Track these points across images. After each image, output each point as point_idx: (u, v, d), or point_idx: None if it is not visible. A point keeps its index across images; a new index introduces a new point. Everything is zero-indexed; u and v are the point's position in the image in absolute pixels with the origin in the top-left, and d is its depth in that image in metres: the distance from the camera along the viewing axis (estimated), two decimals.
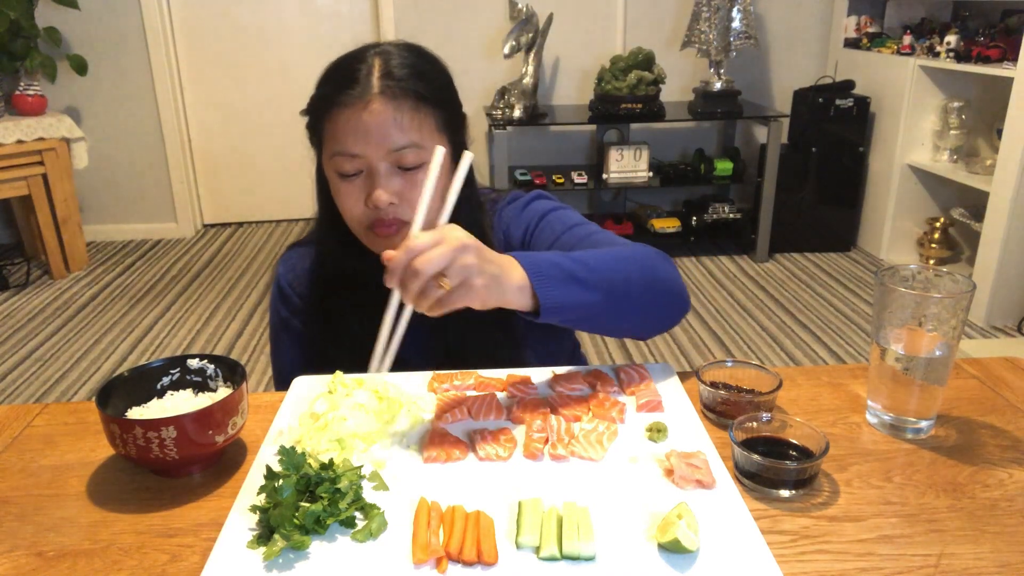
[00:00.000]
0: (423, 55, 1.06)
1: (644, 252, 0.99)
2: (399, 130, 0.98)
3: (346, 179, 1.01)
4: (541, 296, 0.85)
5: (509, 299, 0.84)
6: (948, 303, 0.82)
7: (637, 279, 0.95)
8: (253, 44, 4.19)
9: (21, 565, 0.71)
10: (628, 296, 0.93)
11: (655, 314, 0.99)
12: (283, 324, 1.20)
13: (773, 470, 0.77)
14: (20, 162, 3.49)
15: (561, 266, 0.88)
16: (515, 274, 0.84)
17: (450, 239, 0.79)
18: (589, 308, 0.90)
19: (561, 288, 0.87)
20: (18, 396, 2.69)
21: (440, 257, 0.77)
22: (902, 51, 3.62)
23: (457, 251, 0.78)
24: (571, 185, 3.87)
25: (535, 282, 0.85)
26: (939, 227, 3.62)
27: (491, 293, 0.82)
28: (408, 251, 0.78)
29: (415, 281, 0.78)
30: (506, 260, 0.85)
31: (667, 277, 0.98)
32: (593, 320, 0.93)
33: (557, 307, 0.86)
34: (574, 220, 1.11)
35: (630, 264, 0.95)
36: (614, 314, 0.93)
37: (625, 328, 1.00)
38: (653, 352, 2.95)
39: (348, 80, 0.99)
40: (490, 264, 0.82)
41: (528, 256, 0.87)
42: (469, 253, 0.79)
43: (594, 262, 0.92)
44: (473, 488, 0.78)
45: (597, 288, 0.90)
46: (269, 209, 4.51)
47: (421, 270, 0.77)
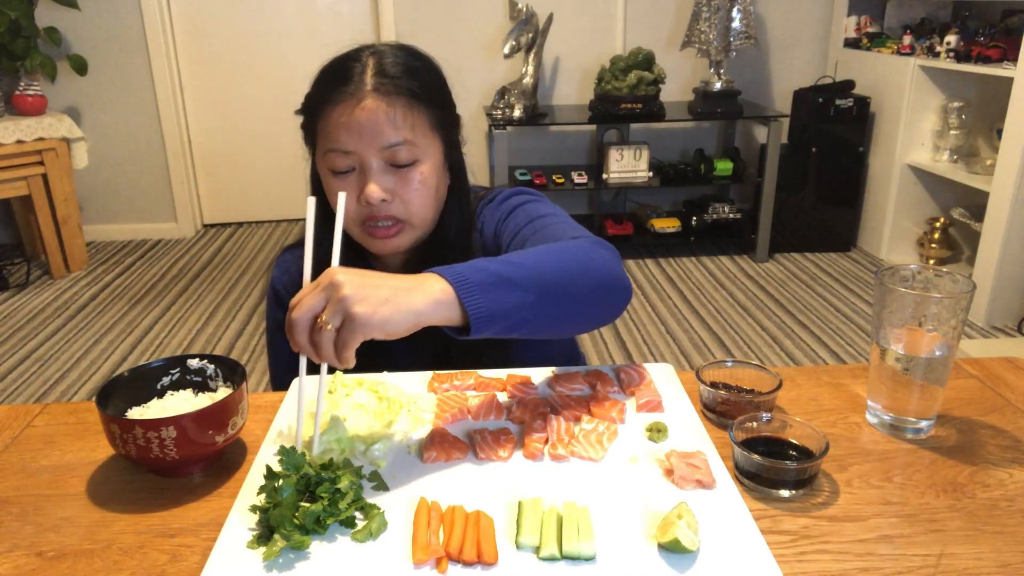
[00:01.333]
0: (417, 55, 1.06)
1: (580, 245, 0.92)
2: (392, 127, 0.98)
3: (339, 176, 1.01)
4: (468, 305, 0.77)
5: (426, 316, 0.76)
6: (948, 303, 0.82)
7: (574, 272, 0.87)
8: (253, 44, 4.19)
9: (21, 565, 0.71)
10: (565, 292, 0.85)
11: (595, 307, 0.91)
12: (278, 327, 1.21)
13: (773, 470, 0.77)
14: (20, 162, 3.49)
15: (487, 270, 0.81)
16: (431, 287, 0.77)
17: (321, 281, 0.75)
18: (524, 311, 0.81)
19: (490, 293, 0.79)
20: (18, 396, 2.69)
21: (310, 301, 0.74)
22: (902, 51, 3.62)
23: (326, 289, 0.75)
24: (571, 185, 3.87)
25: (460, 291, 0.77)
26: (939, 227, 3.62)
27: (387, 318, 0.74)
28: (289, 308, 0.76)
29: (295, 332, 0.75)
30: (416, 277, 0.79)
31: (603, 265, 0.91)
32: (530, 324, 0.83)
33: (488, 315, 0.78)
34: (539, 212, 1.07)
35: (562, 256, 0.88)
36: (552, 313, 0.85)
37: (566, 327, 0.90)
38: (653, 352, 2.95)
39: (342, 78, 1.00)
40: (374, 288, 0.75)
41: (450, 267, 0.80)
42: (340, 286, 0.74)
43: (522, 259, 0.85)
44: (473, 488, 0.78)
45: (530, 287, 0.82)
46: (269, 209, 4.51)
47: (294, 319, 0.74)
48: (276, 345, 1.22)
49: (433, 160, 1.04)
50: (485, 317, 0.78)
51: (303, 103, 1.06)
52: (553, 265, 0.86)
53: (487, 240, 1.13)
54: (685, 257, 3.95)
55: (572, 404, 0.92)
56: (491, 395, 0.95)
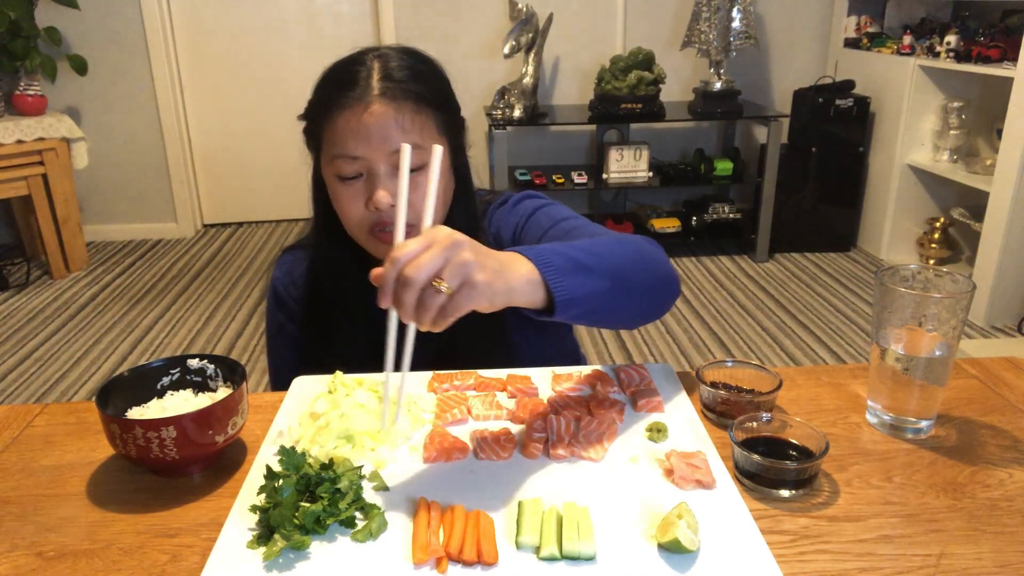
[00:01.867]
0: (421, 58, 1.06)
1: (636, 239, 0.96)
2: (400, 131, 0.97)
3: (346, 182, 1.01)
4: (555, 288, 0.78)
5: (517, 296, 0.76)
6: (948, 303, 0.82)
7: (637, 264, 0.91)
8: (253, 44, 4.19)
9: (21, 565, 0.71)
10: (630, 282, 0.89)
11: (653, 299, 0.95)
12: (279, 328, 1.20)
13: (773, 470, 0.77)
14: (20, 162, 3.49)
15: (567, 255, 0.82)
16: (521, 267, 0.77)
17: (439, 238, 0.71)
18: (599, 298, 0.83)
19: (572, 278, 0.80)
20: (18, 396, 2.69)
21: (432, 259, 0.69)
22: (902, 51, 3.62)
23: (449, 249, 0.70)
24: (571, 185, 3.87)
25: (545, 274, 0.78)
26: (939, 227, 3.62)
27: (497, 291, 0.73)
28: (395, 262, 0.70)
29: (409, 292, 0.69)
30: (506, 254, 0.78)
31: (661, 261, 0.95)
32: (601, 311, 0.86)
33: (570, 300, 0.79)
34: (563, 215, 1.09)
35: (627, 249, 0.91)
36: (620, 302, 0.88)
37: (626, 317, 0.94)
38: (653, 352, 2.95)
39: (348, 83, 0.99)
40: (490, 258, 0.74)
41: (531, 249, 0.80)
42: (463, 249, 0.71)
43: (596, 248, 0.87)
44: (473, 488, 0.78)
45: (604, 275, 0.84)
46: (269, 209, 4.51)
47: (413, 277, 0.69)
48: (276, 347, 1.22)
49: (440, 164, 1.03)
50: (567, 301, 0.79)
51: (307, 108, 1.04)
52: (621, 256, 0.89)
53: (503, 244, 1.12)
54: (685, 257, 3.96)
55: (572, 404, 0.92)
56: (491, 395, 0.95)
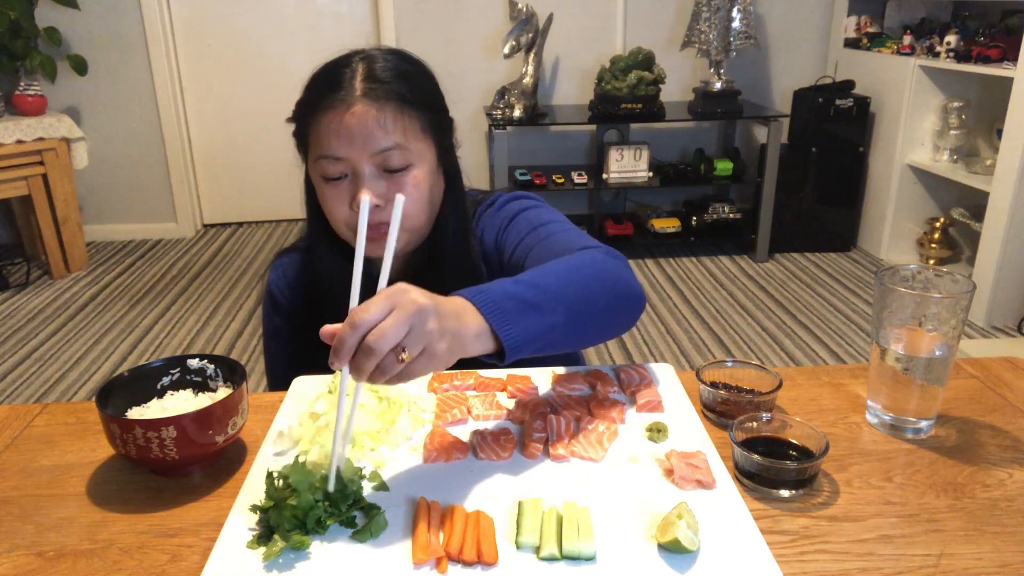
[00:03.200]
0: (407, 59, 1.06)
1: (595, 257, 0.93)
2: (383, 132, 0.98)
3: (331, 183, 1.01)
4: (503, 336, 0.77)
5: (470, 350, 0.76)
6: (948, 303, 0.82)
7: (595, 288, 0.88)
8: (253, 44, 4.19)
9: (21, 565, 0.71)
10: (589, 308, 0.86)
11: (614, 319, 0.93)
12: (275, 330, 1.21)
13: (773, 470, 0.77)
14: (20, 162, 3.49)
15: (516, 296, 0.80)
16: (471, 321, 0.76)
17: (403, 304, 0.69)
18: (554, 332, 0.82)
19: (521, 322, 0.78)
20: (18, 396, 2.69)
21: (396, 329, 0.67)
22: (902, 51, 3.62)
23: (414, 318, 0.69)
24: (571, 185, 3.87)
25: (493, 323, 0.77)
26: (939, 227, 3.62)
27: (453, 353, 0.73)
28: (355, 327, 0.67)
29: (370, 360, 0.67)
30: (459, 305, 0.76)
31: (621, 279, 0.92)
32: (559, 344, 0.84)
33: (521, 344, 0.78)
34: (542, 219, 1.07)
35: (584, 274, 0.89)
36: (578, 331, 0.86)
37: (587, 341, 0.91)
38: (653, 352, 2.95)
39: (332, 84, 0.99)
40: (448, 319, 0.73)
41: (479, 292, 0.79)
42: (427, 317, 0.70)
43: (549, 279, 0.85)
44: (473, 488, 0.78)
45: (557, 309, 0.82)
46: (269, 209, 4.51)
47: (376, 347, 0.67)
48: (273, 349, 1.22)
49: (426, 164, 1.03)
50: (518, 345, 0.78)
51: (294, 110, 1.05)
52: (576, 283, 0.87)
53: (487, 247, 1.12)
54: (685, 257, 3.95)
55: (572, 404, 0.92)
56: (491, 395, 0.95)
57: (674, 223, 3.99)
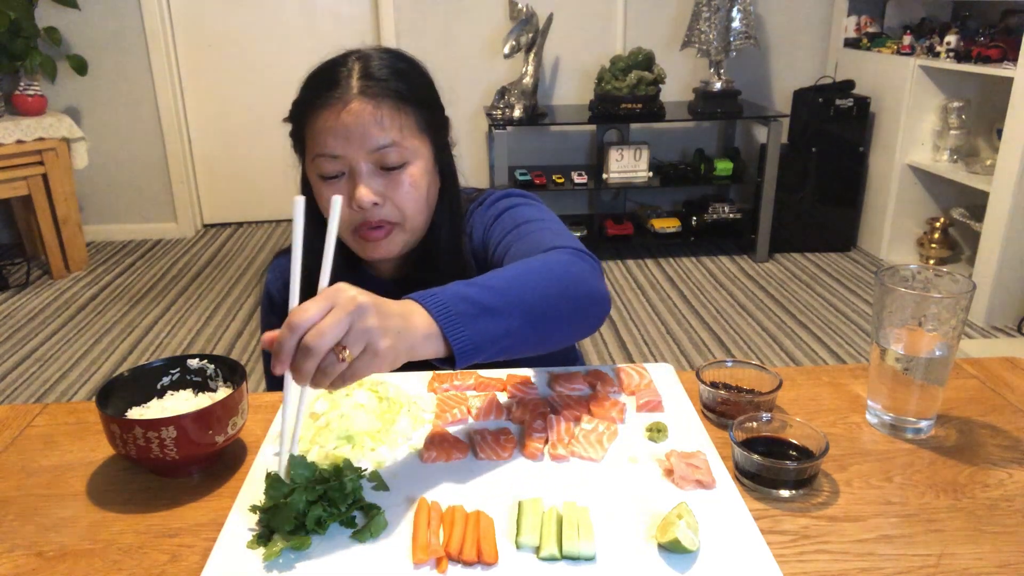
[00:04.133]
0: (403, 57, 1.06)
1: (558, 259, 0.91)
2: (380, 129, 0.98)
3: (328, 181, 1.01)
4: (453, 341, 0.75)
5: (418, 352, 0.74)
6: (948, 303, 0.82)
7: (556, 291, 0.86)
8: (253, 44, 4.19)
9: (21, 565, 0.71)
10: (548, 312, 0.84)
11: (576, 324, 0.90)
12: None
13: (773, 470, 0.77)
14: (20, 162, 3.49)
15: (470, 299, 0.78)
16: (419, 321, 0.74)
17: (342, 302, 0.68)
18: (510, 337, 0.80)
19: (473, 325, 0.77)
20: (18, 396, 2.69)
21: (334, 326, 0.67)
22: (902, 51, 3.62)
23: (353, 314, 0.68)
24: (571, 185, 3.87)
25: (443, 325, 0.75)
26: (939, 227, 3.62)
27: (399, 352, 0.72)
28: (293, 328, 0.67)
29: (310, 361, 0.66)
30: (406, 307, 0.75)
31: (584, 281, 0.90)
32: (516, 348, 0.82)
33: (472, 348, 0.76)
34: (525, 217, 1.06)
35: (544, 277, 0.87)
36: (534, 336, 0.84)
37: (547, 346, 0.88)
38: (653, 352, 2.95)
39: (329, 83, 1.00)
40: (391, 318, 0.71)
41: (431, 295, 0.77)
42: (368, 314, 0.69)
43: (503, 283, 0.82)
44: (473, 488, 0.78)
45: (513, 313, 0.80)
46: (269, 209, 4.51)
47: (315, 347, 0.66)
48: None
49: (423, 162, 1.03)
50: (470, 350, 0.76)
51: (291, 110, 1.05)
52: (533, 287, 0.84)
53: (476, 245, 1.12)
54: (685, 257, 3.95)
55: (572, 404, 0.92)
56: (491, 395, 0.95)
57: (674, 223, 3.99)
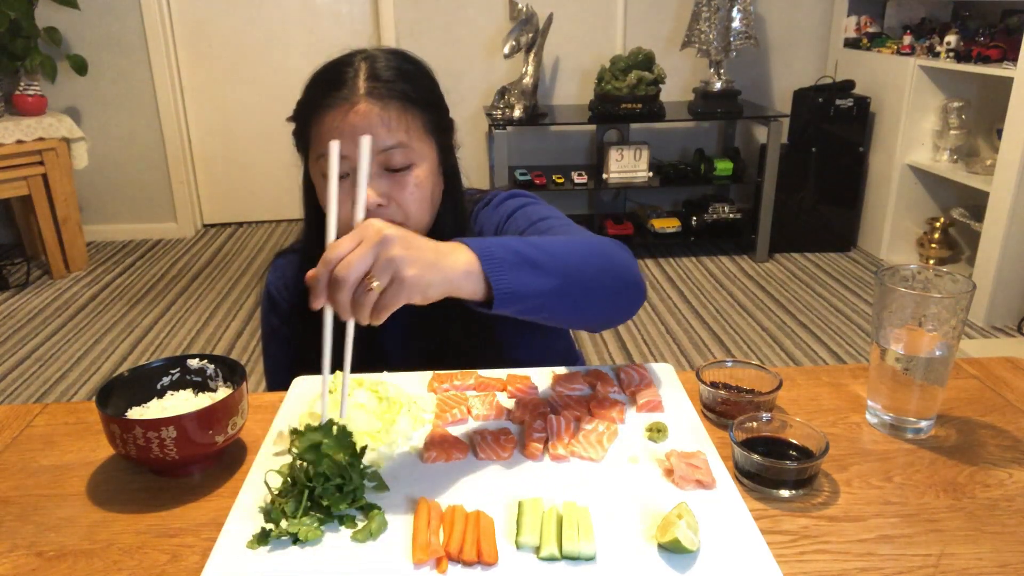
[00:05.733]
0: (409, 59, 1.06)
1: (600, 240, 0.94)
2: (386, 130, 0.98)
3: None
4: (493, 281, 0.76)
5: (455, 287, 0.75)
6: (948, 303, 0.82)
7: (597, 265, 0.89)
8: (253, 44, 4.19)
9: (21, 565, 0.71)
10: (586, 283, 0.87)
11: (613, 303, 0.93)
12: (273, 331, 1.21)
13: (773, 470, 0.77)
14: (20, 162, 3.49)
15: (515, 249, 0.80)
16: (459, 257, 0.76)
17: (368, 235, 0.71)
18: (546, 296, 0.82)
19: (515, 273, 0.78)
20: (18, 396, 2.69)
21: (361, 257, 0.69)
22: (902, 51, 3.62)
23: (378, 246, 0.70)
24: (571, 185, 3.87)
25: (486, 266, 0.77)
26: (939, 227, 3.62)
27: (430, 283, 0.73)
28: (327, 262, 0.70)
29: (342, 292, 0.70)
30: (447, 244, 0.77)
31: (624, 264, 0.92)
32: (550, 310, 0.85)
33: (511, 294, 0.78)
34: (541, 214, 1.08)
35: (587, 249, 0.89)
36: (572, 302, 0.86)
37: (583, 318, 0.92)
38: (653, 352, 2.95)
39: (335, 83, 0.99)
40: (422, 251, 0.73)
41: (476, 240, 0.79)
42: (392, 244, 0.71)
43: (550, 246, 0.85)
44: (473, 488, 0.78)
45: (554, 273, 0.82)
46: (269, 209, 4.51)
47: (343, 277, 0.69)
48: (272, 350, 1.22)
49: (428, 164, 1.03)
50: (508, 295, 0.78)
51: (295, 110, 1.05)
52: (578, 255, 0.87)
53: None
54: (685, 257, 3.95)
55: (572, 404, 0.92)
56: (491, 395, 0.95)
57: (674, 223, 3.99)
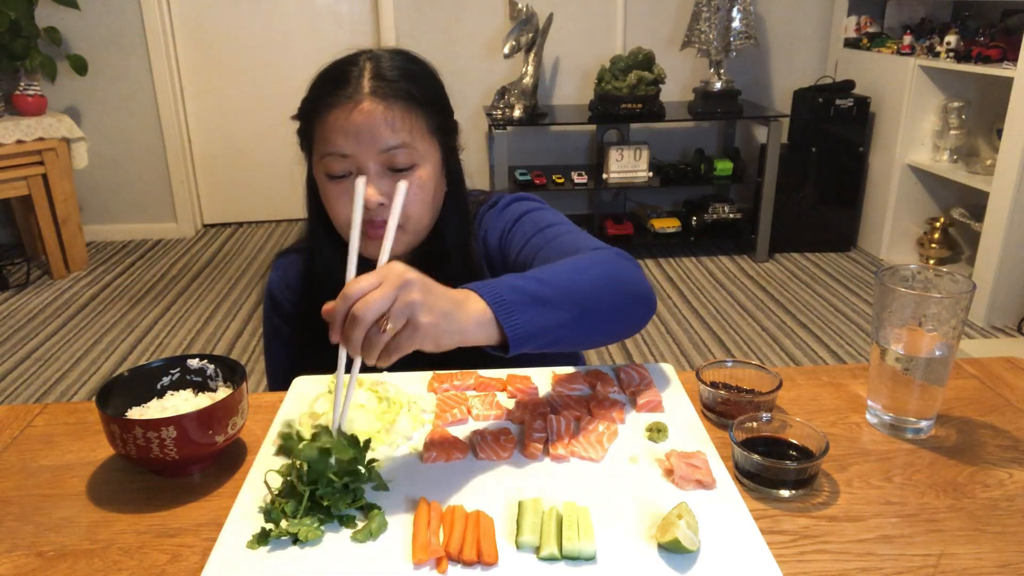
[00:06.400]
0: (414, 59, 1.06)
1: (606, 257, 0.94)
2: (390, 130, 0.98)
3: (336, 180, 1.01)
4: (507, 327, 0.78)
5: (469, 337, 0.77)
6: (948, 303, 0.82)
7: (606, 287, 0.89)
8: (253, 44, 4.19)
9: (21, 565, 0.71)
10: (598, 308, 0.87)
11: (624, 321, 0.93)
12: (275, 330, 1.21)
13: (773, 470, 0.77)
14: (20, 162, 3.49)
15: (522, 289, 0.81)
16: (472, 307, 0.77)
17: (390, 277, 0.71)
18: (560, 329, 0.83)
19: (527, 313, 0.79)
20: (18, 396, 2.69)
21: (380, 298, 0.70)
22: (902, 51, 3.62)
23: (399, 289, 0.71)
24: (571, 185, 3.87)
25: (497, 312, 0.78)
26: (939, 227, 3.62)
27: (443, 332, 0.74)
28: (346, 298, 0.70)
29: (356, 330, 0.70)
30: (460, 293, 0.78)
31: (632, 280, 0.93)
32: (565, 341, 0.85)
33: (525, 336, 0.79)
34: (548, 221, 1.08)
35: (593, 273, 0.90)
36: (586, 330, 0.87)
37: (596, 341, 0.93)
38: (653, 352, 2.95)
39: (339, 82, 0.99)
40: (439, 299, 0.74)
41: (486, 285, 0.80)
42: (412, 289, 0.72)
43: (556, 278, 0.85)
44: (473, 488, 0.78)
45: (565, 305, 0.83)
46: (269, 209, 4.51)
47: (361, 315, 0.69)
48: (273, 349, 1.22)
49: (431, 165, 1.03)
50: (522, 337, 0.79)
51: (299, 108, 1.05)
52: (585, 282, 0.87)
53: (491, 248, 1.12)
54: (685, 257, 3.95)
55: (572, 404, 0.92)
56: (491, 395, 0.95)
57: (674, 223, 3.99)
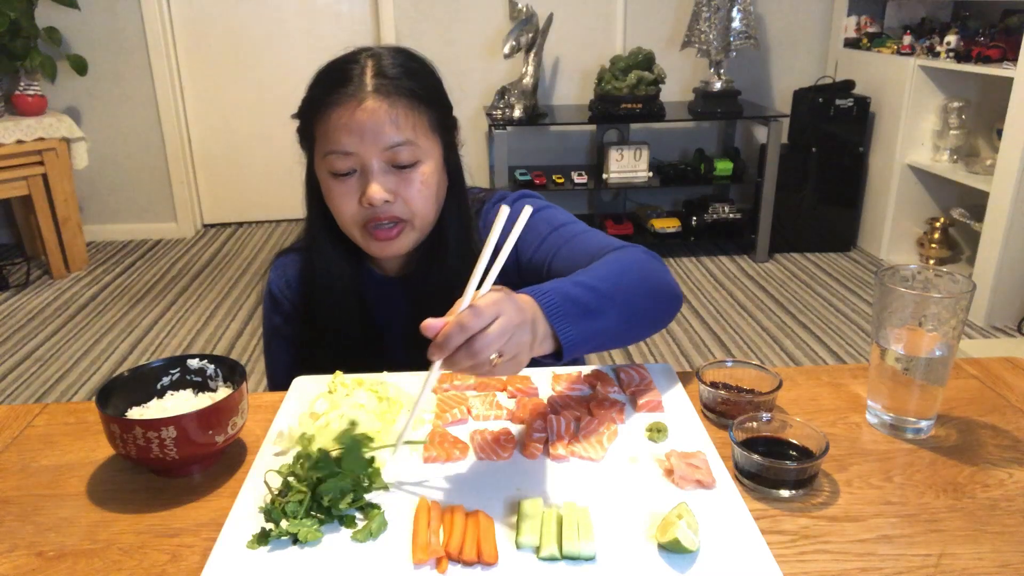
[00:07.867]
0: (414, 57, 1.07)
1: (636, 257, 0.97)
2: (394, 127, 0.98)
3: (339, 178, 1.01)
4: (562, 338, 0.82)
5: (536, 352, 0.81)
6: (948, 303, 0.82)
7: (641, 290, 0.93)
8: (253, 44, 4.19)
9: (21, 565, 0.71)
10: (638, 312, 0.93)
11: (659, 321, 0.98)
12: (275, 330, 1.21)
13: (773, 470, 0.77)
14: (20, 162, 3.49)
15: (575, 299, 0.85)
16: (540, 328, 0.81)
17: (507, 313, 0.75)
18: (606, 335, 0.88)
19: (580, 324, 0.84)
20: (18, 396, 2.69)
21: (500, 337, 0.73)
22: (902, 51, 3.62)
23: (516, 329, 0.75)
24: (571, 185, 3.87)
25: (555, 325, 0.82)
26: (939, 227, 3.62)
27: (526, 362, 0.79)
28: (463, 329, 0.72)
29: (469, 360, 0.73)
30: (529, 309, 0.80)
31: (663, 279, 0.97)
32: (607, 344, 0.91)
33: (576, 345, 0.83)
34: (560, 220, 1.10)
35: (631, 275, 0.94)
36: (626, 332, 0.93)
37: (631, 340, 0.99)
38: (653, 352, 2.95)
39: (342, 80, 0.99)
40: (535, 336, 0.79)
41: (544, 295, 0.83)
42: (525, 331, 0.77)
43: (601, 284, 0.89)
44: (473, 488, 0.78)
45: (609, 313, 0.87)
46: (269, 209, 4.50)
47: (478, 351, 0.72)
48: (273, 349, 1.22)
49: (434, 161, 1.03)
50: (573, 345, 0.83)
51: (300, 107, 1.05)
52: (627, 288, 0.91)
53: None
54: (685, 257, 3.95)
55: (572, 404, 0.92)
56: (491, 395, 0.95)
57: (674, 223, 3.99)
